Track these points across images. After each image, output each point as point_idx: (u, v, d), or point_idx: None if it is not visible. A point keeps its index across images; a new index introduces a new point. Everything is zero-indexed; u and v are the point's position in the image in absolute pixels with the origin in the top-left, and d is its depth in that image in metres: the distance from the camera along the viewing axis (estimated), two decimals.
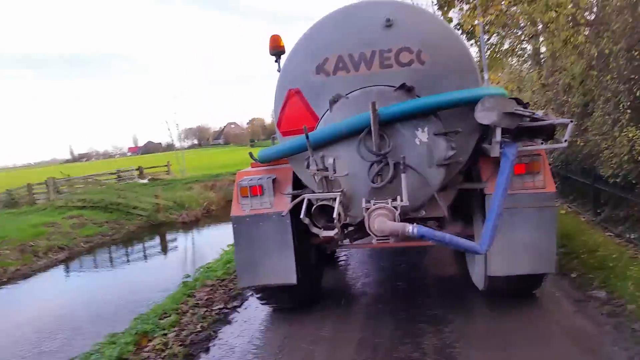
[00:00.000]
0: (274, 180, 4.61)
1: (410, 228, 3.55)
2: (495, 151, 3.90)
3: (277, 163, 4.75)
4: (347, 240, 5.20)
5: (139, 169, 30.73)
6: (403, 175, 3.78)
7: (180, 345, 4.63)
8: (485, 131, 4.18)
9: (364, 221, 4.00)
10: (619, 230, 6.72)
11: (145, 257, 14.94)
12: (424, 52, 3.99)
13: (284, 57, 4.55)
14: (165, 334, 4.93)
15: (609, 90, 7.20)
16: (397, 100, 3.91)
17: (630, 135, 6.47)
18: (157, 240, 17.57)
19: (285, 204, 4.52)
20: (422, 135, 3.91)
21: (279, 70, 4.76)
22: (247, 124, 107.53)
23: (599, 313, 4.34)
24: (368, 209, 3.79)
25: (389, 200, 3.80)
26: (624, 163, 6.74)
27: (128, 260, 14.61)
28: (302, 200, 3.93)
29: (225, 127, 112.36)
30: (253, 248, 4.55)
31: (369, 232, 3.78)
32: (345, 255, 7.11)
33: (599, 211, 7.70)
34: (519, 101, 3.99)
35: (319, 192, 3.88)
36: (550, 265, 4.19)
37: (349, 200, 4.00)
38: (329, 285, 5.80)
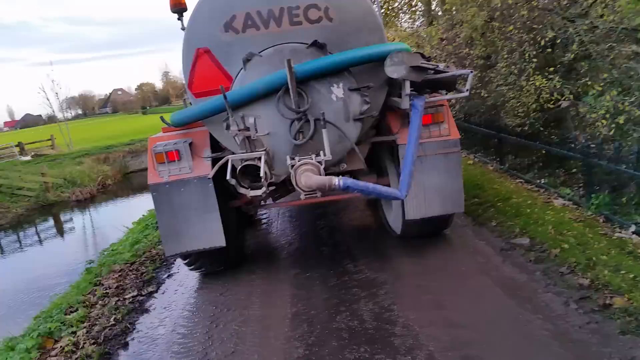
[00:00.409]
0: (190, 144, 4.48)
1: (336, 180, 3.71)
2: (405, 103, 4.17)
3: (191, 126, 4.61)
4: (270, 200, 5.27)
5: (19, 144, 27.64)
6: (324, 131, 3.90)
7: (93, 344, 4.09)
8: (393, 86, 4.43)
9: (287, 179, 4.11)
10: (529, 177, 7.02)
11: (40, 241, 13.67)
12: (331, 9, 4.07)
13: (187, 15, 4.35)
14: (73, 332, 4.35)
15: (513, 41, 7.37)
16: (310, 57, 3.97)
17: (537, 84, 6.71)
18: (51, 222, 16.09)
19: (205, 168, 4.45)
20: (338, 91, 4.04)
21: (182, 29, 4.54)
22: (136, 90, 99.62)
23: (525, 260, 4.43)
24: (293, 165, 3.87)
25: (313, 156, 3.91)
26: (531, 111, 7.05)
27: (21, 247, 13.30)
28: (226, 162, 3.89)
29: (111, 94, 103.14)
30: (176, 214, 4.44)
31: (296, 188, 3.89)
32: (266, 219, 7.19)
33: (504, 160, 7.98)
34: (423, 55, 4.25)
35: (242, 153, 3.85)
36: (459, 205, 4.66)
37: (272, 159, 4.04)
38: (254, 254, 5.72)
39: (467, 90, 4.16)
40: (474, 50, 8.67)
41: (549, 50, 7.07)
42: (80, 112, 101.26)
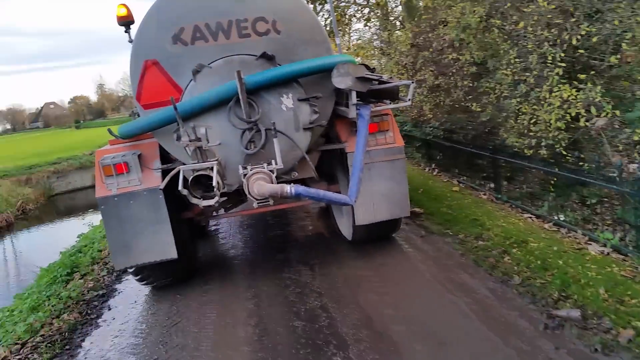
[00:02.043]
0: (139, 156, 4.43)
1: (288, 188, 3.81)
2: (352, 113, 4.36)
3: (139, 138, 4.57)
4: (222, 210, 5.28)
5: None
6: (275, 140, 4.00)
7: None
8: (340, 96, 4.62)
9: (239, 188, 4.16)
10: (543, 211, 5.72)
11: None
12: (278, 22, 4.20)
13: (134, 27, 4.33)
14: None
15: (528, 41, 5.74)
16: (259, 68, 4.08)
17: (565, 95, 5.18)
18: None
19: (154, 179, 4.41)
20: (288, 101, 4.16)
21: (130, 41, 4.51)
22: (69, 103, 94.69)
23: (589, 349, 3.20)
24: (246, 174, 3.93)
25: (265, 165, 3.99)
26: (552, 130, 5.40)
27: None
28: (177, 173, 3.88)
29: (43, 107, 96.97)
30: (125, 228, 4.36)
31: (249, 196, 3.94)
32: (218, 230, 7.14)
33: (500, 188, 6.59)
34: (367, 67, 4.48)
35: (194, 163, 3.87)
36: (405, 209, 4.89)
37: (224, 169, 4.08)
38: (206, 265, 5.67)
39: (409, 99, 4.41)
40: (463, 55, 7.19)
41: (582, 51, 5.40)
42: (8, 127, 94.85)
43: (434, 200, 6.81)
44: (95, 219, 11.05)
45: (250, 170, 3.96)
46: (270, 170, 3.99)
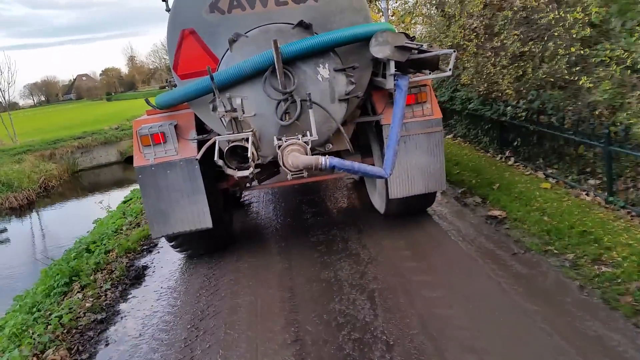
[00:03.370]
0: (175, 126, 4.47)
1: (323, 160, 3.76)
2: (390, 83, 4.24)
3: (176, 109, 4.59)
4: (255, 182, 5.30)
5: None
6: (310, 111, 3.94)
7: None
8: (377, 66, 4.49)
9: (274, 159, 4.14)
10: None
11: None
12: None
13: None
14: None
15: None
16: (296, 37, 3.99)
17: None
18: None
19: (190, 150, 4.45)
20: (324, 71, 4.07)
21: (167, 10, 4.49)
22: (101, 75, 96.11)
23: None
24: (280, 146, 3.91)
25: (299, 136, 3.95)
26: None
27: None
28: (213, 144, 3.90)
29: (75, 79, 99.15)
30: (162, 197, 4.45)
31: (283, 168, 3.93)
32: (252, 201, 7.22)
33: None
34: (407, 35, 4.31)
35: (229, 134, 3.87)
36: (441, 183, 4.78)
37: (259, 140, 4.07)
38: (241, 235, 5.73)
39: (450, 69, 4.24)
40: (572, 12, 5.39)
41: None
42: (43, 98, 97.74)
43: (518, 201, 5.35)
44: (116, 198, 10.80)
45: (285, 141, 3.93)
46: (305, 142, 3.94)
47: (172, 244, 5.01)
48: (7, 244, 12.51)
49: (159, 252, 5.82)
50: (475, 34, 7.46)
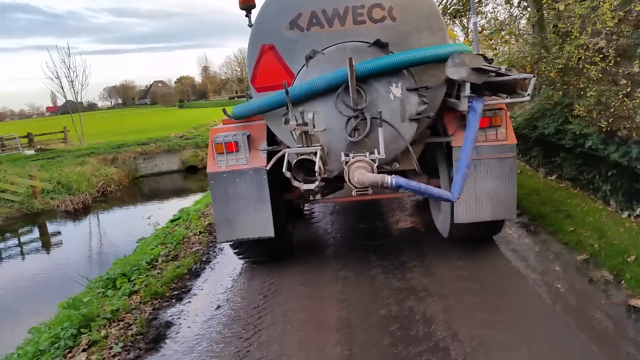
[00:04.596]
0: (248, 137, 4.64)
1: (389, 179, 3.74)
2: (463, 105, 4.15)
3: (250, 120, 4.77)
4: (319, 195, 5.37)
5: (28, 135, 24.89)
6: (380, 130, 3.94)
7: None
8: (450, 87, 4.42)
9: (340, 175, 4.18)
10: None
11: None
12: (395, 9, 4.11)
13: (254, 12, 4.50)
14: None
15: None
16: (371, 56, 4.02)
17: None
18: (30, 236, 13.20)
19: (260, 160, 4.60)
20: (396, 90, 4.07)
21: (250, 25, 4.71)
22: (175, 82, 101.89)
23: None
24: (347, 162, 3.94)
25: (367, 154, 3.96)
26: None
27: None
28: (282, 156, 4.01)
29: (151, 85, 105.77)
30: (230, 203, 4.62)
31: (348, 184, 3.94)
32: (314, 214, 7.30)
33: None
34: (485, 57, 4.22)
35: (299, 147, 3.96)
36: (511, 211, 4.59)
37: (327, 155, 4.13)
38: (301, 247, 5.78)
39: (528, 94, 4.09)
40: None
41: None
42: (120, 101, 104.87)
43: None
44: (170, 209, 10.54)
45: (352, 158, 3.95)
46: (372, 160, 3.95)
47: (235, 250, 5.17)
48: (55, 248, 12.54)
49: (190, 300, 4.78)
50: (601, 55, 6.19)
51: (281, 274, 5.05)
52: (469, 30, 10.74)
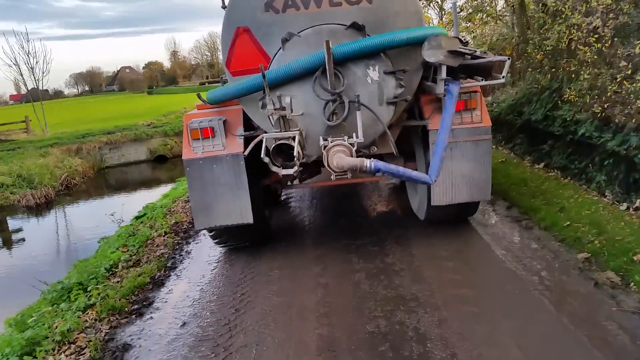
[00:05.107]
0: (224, 122, 4.56)
1: (368, 163, 3.76)
2: (440, 88, 4.18)
3: (226, 105, 4.68)
4: (297, 180, 5.35)
5: None
6: (358, 113, 3.94)
7: None
8: (427, 70, 4.43)
9: (318, 159, 4.17)
10: None
11: None
12: None
13: None
14: None
15: None
16: (348, 38, 3.99)
17: None
18: None
19: (237, 145, 4.53)
20: (374, 73, 4.06)
21: (223, 7, 4.58)
22: (144, 68, 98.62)
23: None
24: (326, 146, 3.92)
25: (345, 138, 3.95)
26: None
27: None
28: (260, 141, 3.96)
29: (119, 71, 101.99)
30: (207, 190, 4.55)
31: (327, 168, 3.94)
32: (292, 199, 7.28)
33: None
34: (460, 40, 4.25)
35: (277, 132, 3.92)
36: (486, 193, 4.68)
37: (305, 139, 4.10)
38: (279, 232, 5.76)
39: (503, 77, 4.14)
40: None
41: None
42: (87, 88, 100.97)
43: None
44: (137, 203, 9.92)
45: (331, 142, 3.95)
46: (350, 144, 3.95)
47: (214, 238, 5.11)
48: (16, 246, 11.55)
49: (152, 316, 4.17)
50: (596, 36, 5.79)
51: (253, 283, 4.52)
52: (444, 13, 10.72)
